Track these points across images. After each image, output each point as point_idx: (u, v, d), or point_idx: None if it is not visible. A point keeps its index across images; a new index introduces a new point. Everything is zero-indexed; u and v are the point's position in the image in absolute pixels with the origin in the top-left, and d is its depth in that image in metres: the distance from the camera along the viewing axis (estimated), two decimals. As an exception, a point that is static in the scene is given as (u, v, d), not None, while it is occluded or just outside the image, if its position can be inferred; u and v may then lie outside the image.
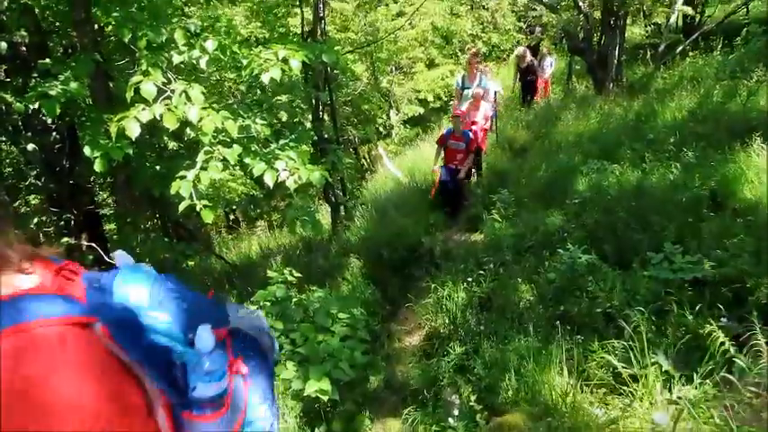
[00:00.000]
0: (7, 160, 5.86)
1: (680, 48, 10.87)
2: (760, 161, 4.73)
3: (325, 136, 7.38)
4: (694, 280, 3.43)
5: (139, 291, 0.98)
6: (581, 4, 9.86)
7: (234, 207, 11.53)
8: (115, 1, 3.91)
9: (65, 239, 4.77)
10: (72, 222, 5.23)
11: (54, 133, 5.10)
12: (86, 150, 3.46)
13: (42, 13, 5.27)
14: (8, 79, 5.04)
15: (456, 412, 3.26)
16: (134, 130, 3.11)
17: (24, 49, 4.98)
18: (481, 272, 4.60)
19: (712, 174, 4.79)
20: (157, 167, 5.31)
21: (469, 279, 4.58)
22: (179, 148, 6.18)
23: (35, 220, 5.22)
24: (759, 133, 5.13)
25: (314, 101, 7.02)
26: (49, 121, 4.85)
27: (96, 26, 4.65)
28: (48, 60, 3.94)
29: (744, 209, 4.19)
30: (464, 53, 16.64)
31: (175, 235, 7.83)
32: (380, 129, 14.65)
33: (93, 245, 4.44)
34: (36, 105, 3.43)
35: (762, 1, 12.12)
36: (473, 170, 7.30)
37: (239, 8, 9.75)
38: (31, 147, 4.77)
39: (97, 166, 3.40)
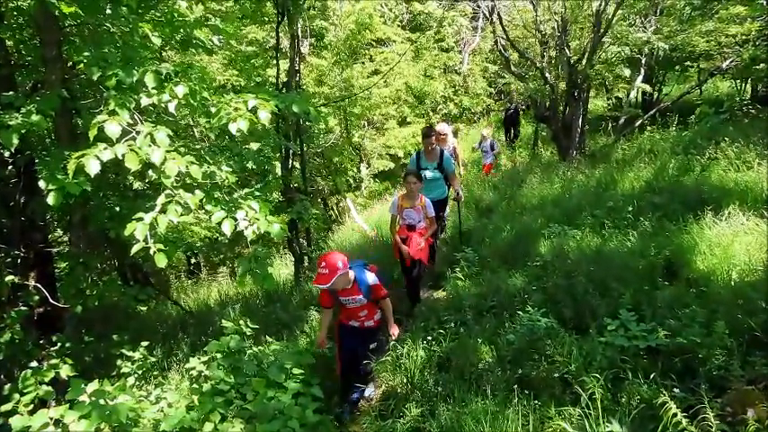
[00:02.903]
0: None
1: (639, 122, 11.49)
2: (712, 234, 4.92)
3: (294, 186, 7.40)
4: (648, 348, 3.46)
5: None
6: (547, 75, 10.38)
7: (196, 251, 11.28)
8: (88, 41, 3.91)
9: (9, 278, 4.53)
10: (20, 260, 5.00)
11: (10, 167, 4.94)
12: (42, 184, 3.36)
13: (16, 46, 5.22)
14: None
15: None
16: (93, 168, 3.04)
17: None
18: (441, 330, 4.55)
19: (667, 243, 4.93)
20: (118, 208, 5.18)
21: (429, 337, 4.52)
22: (145, 188, 6.06)
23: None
24: (710, 207, 5.35)
25: (284, 150, 7.06)
26: (7, 154, 4.72)
27: (69, 63, 4.62)
28: (11, 93, 3.86)
29: (696, 279, 4.31)
30: (436, 113, 17.14)
31: (132, 278, 7.57)
32: (350, 181, 14.79)
33: (39, 285, 4.23)
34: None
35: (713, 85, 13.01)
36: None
37: (218, 56, 9.89)
38: (-18, 179, 4.61)
39: (51, 200, 3.29)
